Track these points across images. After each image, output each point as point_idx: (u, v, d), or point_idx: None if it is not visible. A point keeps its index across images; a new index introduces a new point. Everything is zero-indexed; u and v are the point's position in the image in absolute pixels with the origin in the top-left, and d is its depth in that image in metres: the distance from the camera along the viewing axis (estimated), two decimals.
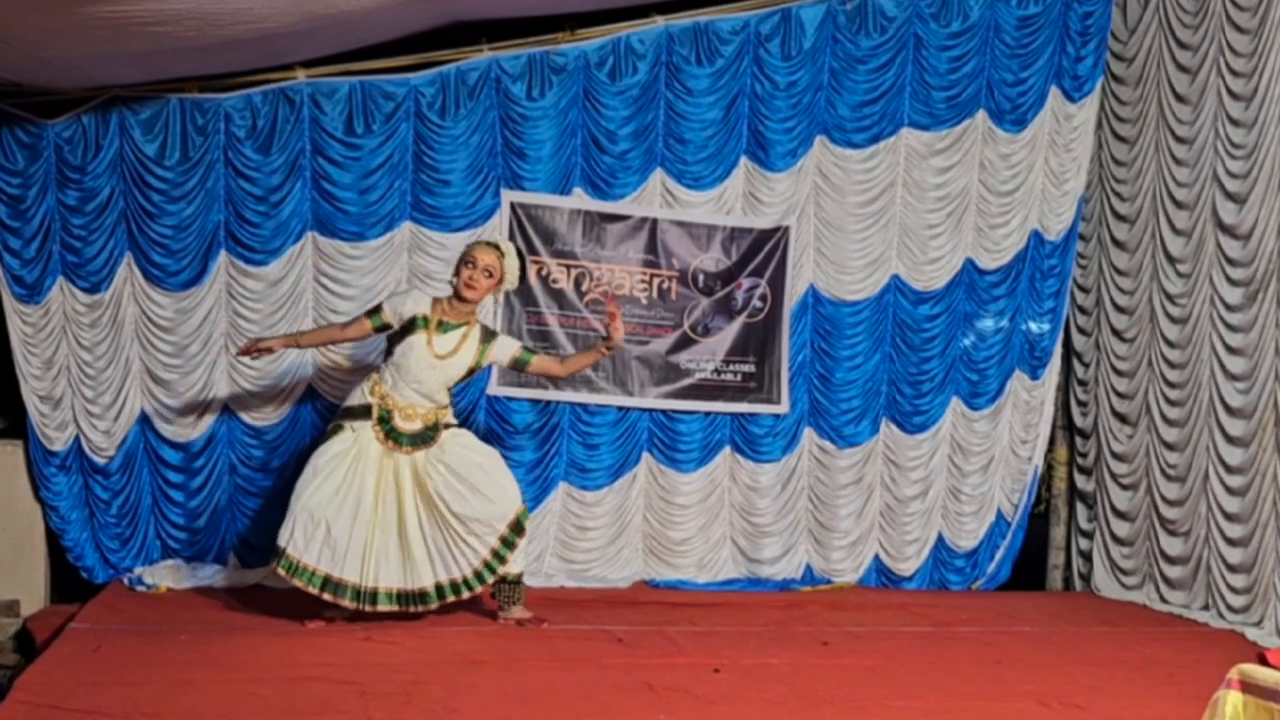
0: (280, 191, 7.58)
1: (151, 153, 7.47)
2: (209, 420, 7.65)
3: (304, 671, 5.64)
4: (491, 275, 6.59)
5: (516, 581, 6.80)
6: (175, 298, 7.58)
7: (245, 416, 7.67)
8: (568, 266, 7.86)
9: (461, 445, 6.69)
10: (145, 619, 6.65)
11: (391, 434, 6.57)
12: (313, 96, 7.57)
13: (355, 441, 6.56)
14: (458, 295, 6.59)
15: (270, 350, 6.78)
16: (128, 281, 7.56)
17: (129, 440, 7.60)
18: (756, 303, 8.14)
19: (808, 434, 8.31)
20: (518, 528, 6.65)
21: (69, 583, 7.57)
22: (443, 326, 6.60)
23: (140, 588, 7.36)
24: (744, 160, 8.07)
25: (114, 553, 7.60)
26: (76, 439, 7.56)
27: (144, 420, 7.62)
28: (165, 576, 7.47)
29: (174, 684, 5.35)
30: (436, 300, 6.67)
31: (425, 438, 6.61)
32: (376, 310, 6.66)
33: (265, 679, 5.49)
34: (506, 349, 6.80)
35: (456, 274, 6.61)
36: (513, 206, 7.77)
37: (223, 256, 7.59)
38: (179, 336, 7.59)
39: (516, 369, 6.93)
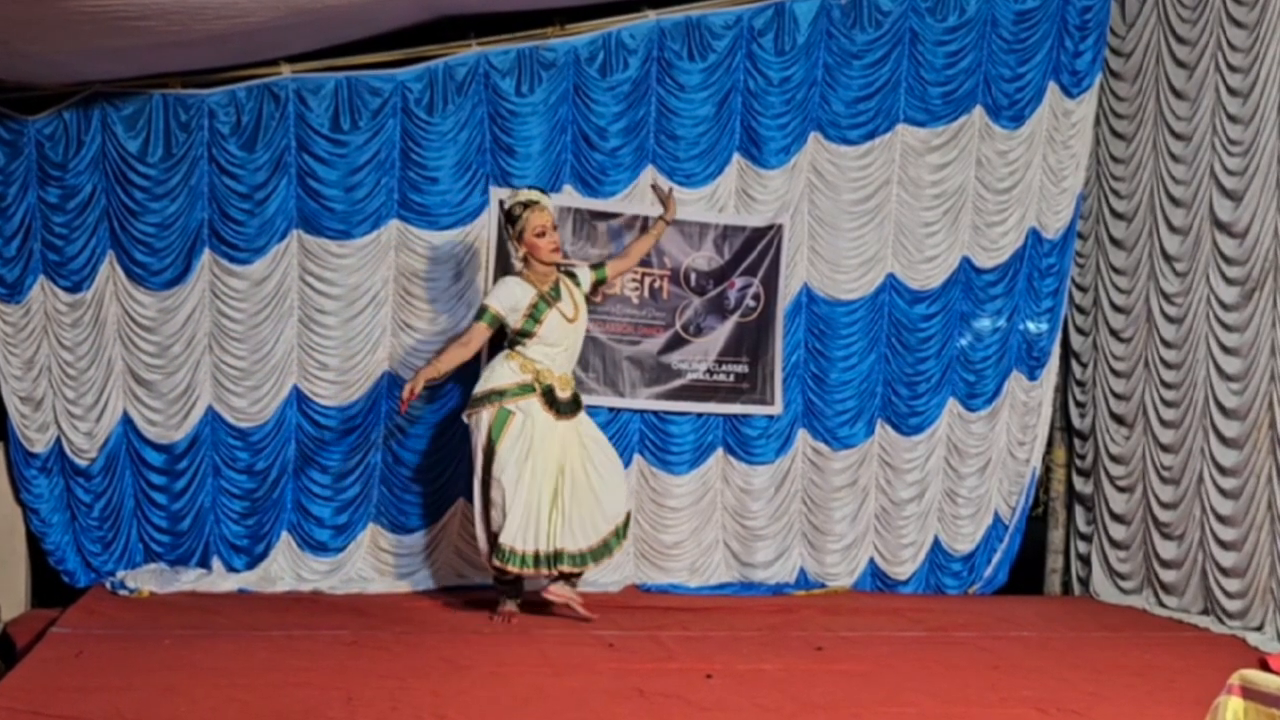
0: (265, 189, 7.53)
1: (134, 149, 7.42)
2: (192, 422, 7.59)
3: (289, 677, 5.59)
4: (557, 227, 7.04)
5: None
6: (158, 297, 7.53)
7: (229, 418, 7.61)
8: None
9: (594, 436, 7.07)
10: (128, 623, 6.60)
11: (554, 404, 6.86)
12: (298, 92, 7.52)
13: (526, 419, 6.78)
14: (541, 263, 6.88)
15: (420, 389, 6.81)
16: (110, 280, 7.51)
17: (111, 442, 7.54)
18: (749, 302, 8.06)
19: (802, 436, 8.23)
20: (621, 533, 7.01)
21: (50, 587, 7.52)
22: (554, 293, 6.90)
23: (122, 592, 7.28)
24: (737, 157, 8.00)
25: (96, 556, 7.55)
26: (58, 441, 7.52)
27: (126, 422, 7.56)
28: (148, 580, 7.40)
29: (157, 690, 5.31)
30: (523, 276, 6.90)
31: (576, 403, 7.01)
32: (483, 311, 6.87)
33: (250, 685, 5.44)
34: (586, 278, 7.15)
35: (523, 242, 6.84)
36: (502, 204, 7.68)
37: (206, 255, 7.54)
38: (162, 336, 7.54)
39: (598, 286, 7.22)
